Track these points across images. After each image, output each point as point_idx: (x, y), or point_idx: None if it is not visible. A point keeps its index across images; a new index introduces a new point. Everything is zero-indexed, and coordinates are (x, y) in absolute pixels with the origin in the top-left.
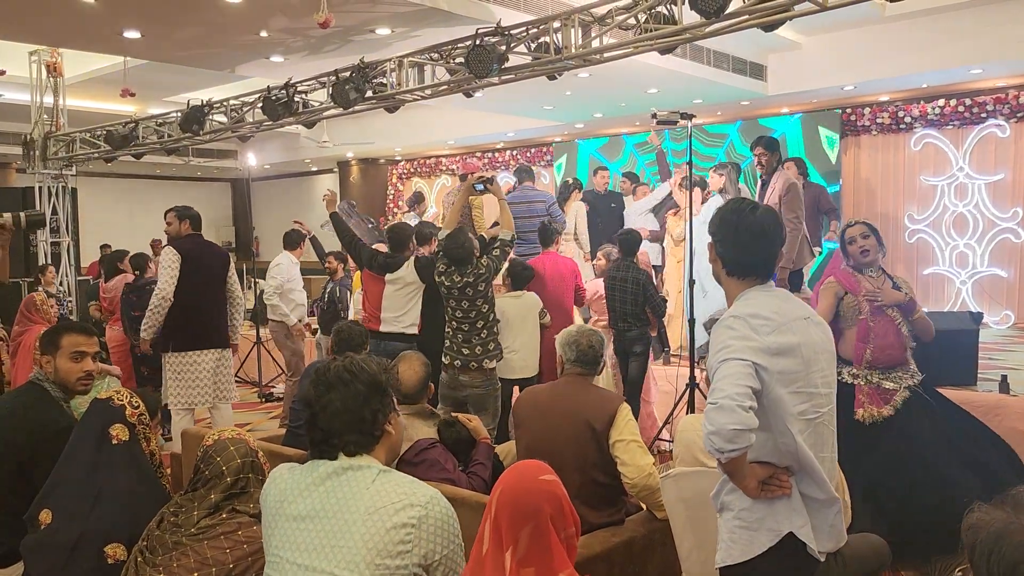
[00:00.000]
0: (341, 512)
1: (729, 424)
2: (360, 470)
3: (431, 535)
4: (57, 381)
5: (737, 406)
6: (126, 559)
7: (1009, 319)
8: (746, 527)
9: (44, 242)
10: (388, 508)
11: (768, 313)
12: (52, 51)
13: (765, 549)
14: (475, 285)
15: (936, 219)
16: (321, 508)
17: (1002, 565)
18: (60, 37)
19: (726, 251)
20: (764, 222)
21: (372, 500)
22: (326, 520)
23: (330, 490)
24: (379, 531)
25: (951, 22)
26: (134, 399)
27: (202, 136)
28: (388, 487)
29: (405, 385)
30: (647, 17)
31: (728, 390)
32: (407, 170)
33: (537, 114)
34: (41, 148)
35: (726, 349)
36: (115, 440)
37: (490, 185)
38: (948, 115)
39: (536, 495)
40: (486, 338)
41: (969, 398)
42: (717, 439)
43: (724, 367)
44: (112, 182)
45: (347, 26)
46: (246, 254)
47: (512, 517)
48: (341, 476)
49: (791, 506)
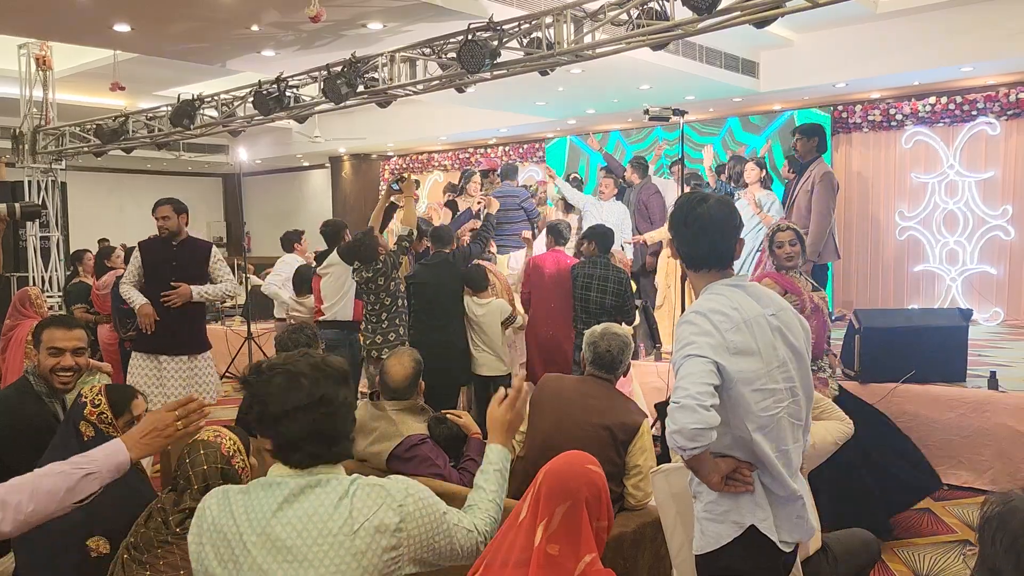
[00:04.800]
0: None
1: (690, 424)
2: (329, 485)
3: (416, 534)
4: (39, 375)
5: (698, 405)
6: (109, 552)
7: (999, 316)
8: (712, 519)
9: (34, 236)
10: (364, 526)
11: (727, 310)
12: (41, 44)
13: (730, 540)
14: (375, 279)
15: (927, 216)
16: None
17: (1006, 538)
18: (49, 30)
19: (681, 246)
20: (712, 213)
21: (344, 521)
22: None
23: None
24: (362, 552)
25: (942, 20)
26: (97, 396)
27: (193, 131)
28: (356, 502)
29: (393, 380)
30: (639, 13)
31: (690, 389)
32: (399, 166)
33: (529, 110)
34: (30, 142)
35: (689, 345)
36: (84, 437)
37: (403, 184)
38: (939, 113)
39: (578, 478)
40: (387, 328)
41: (958, 395)
42: (679, 437)
43: (687, 364)
44: (102, 177)
45: (338, 20)
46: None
47: (551, 492)
48: (322, 498)
49: (754, 500)
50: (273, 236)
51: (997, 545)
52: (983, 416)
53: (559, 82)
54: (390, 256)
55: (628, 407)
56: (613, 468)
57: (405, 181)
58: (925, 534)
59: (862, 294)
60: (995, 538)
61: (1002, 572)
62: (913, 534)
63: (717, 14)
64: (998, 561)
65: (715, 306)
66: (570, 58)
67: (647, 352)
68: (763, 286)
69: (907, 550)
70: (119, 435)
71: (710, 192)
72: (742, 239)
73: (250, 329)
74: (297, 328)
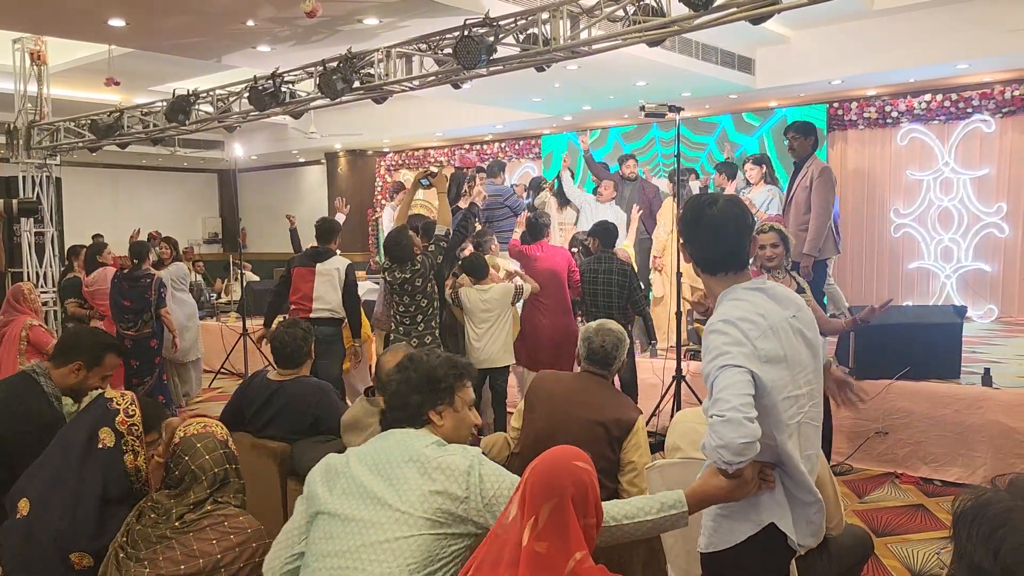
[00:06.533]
0: (399, 463)
1: (738, 438)
2: (414, 439)
3: (482, 486)
4: (70, 385)
5: (744, 418)
6: (93, 565)
7: (993, 313)
8: (728, 516)
9: (28, 232)
10: (437, 471)
11: (754, 316)
12: (36, 39)
13: (745, 538)
14: (412, 281)
15: (921, 213)
16: (383, 461)
17: (983, 530)
18: (44, 25)
19: (694, 250)
20: (725, 213)
21: (417, 480)
22: (387, 469)
23: (387, 448)
24: (429, 488)
25: (938, 17)
26: (132, 407)
27: (188, 126)
28: (442, 462)
29: (386, 374)
30: (635, 9)
31: (733, 401)
32: (395, 162)
33: (526, 106)
34: (25, 137)
35: (723, 356)
36: (100, 444)
37: (433, 179)
38: (934, 110)
39: (564, 475)
40: (423, 331)
41: (952, 391)
42: (726, 452)
43: (724, 375)
44: (97, 172)
45: (334, 16)
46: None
47: (537, 490)
48: (404, 452)
49: (774, 498)
50: (269, 232)
51: (974, 539)
52: (977, 413)
53: (555, 78)
54: (427, 257)
55: (623, 403)
56: (608, 464)
57: (436, 176)
58: (918, 530)
59: (857, 291)
60: (971, 532)
61: (980, 566)
62: (907, 530)
63: (713, 10)
64: (976, 556)
65: (742, 313)
66: (566, 54)
67: (643, 349)
68: (781, 285)
69: (901, 546)
70: (143, 452)
71: (718, 192)
72: (755, 237)
73: (245, 325)
74: (292, 323)
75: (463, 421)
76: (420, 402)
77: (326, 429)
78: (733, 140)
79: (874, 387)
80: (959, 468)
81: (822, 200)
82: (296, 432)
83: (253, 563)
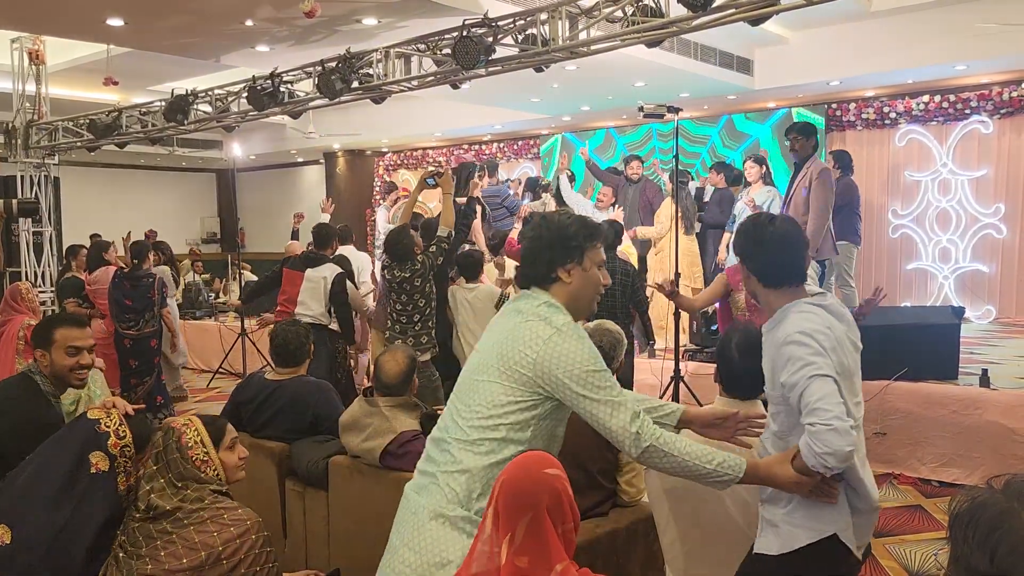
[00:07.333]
0: (508, 313)
1: (846, 446)
2: (526, 299)
3: (547, 363)
4: (52, 375)
5: (849, 427)
6: None
7: (991, 314)
8: (791, 523)
9: (26, 232)
10: (520, 338)
11: (824, 329)
12: (34, 38)
13: (803, 545)
14: (411, 280)
15: (920, 214)
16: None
17: (979, 532)
18: (42, 24)
19: (757, 265)
20: (786, 230)
21: (512, 331)
22: (499, 319)
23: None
24: (511, 348)
25: (936, 18)
26: (122, 428)
27: (187, 126)
28: (527, 327)
29: (387, 376)
30: (634, 10)
31: (834, 410)
32: (394, 162)
33: (524, 107)
34: (23, 137)
35: (810, 366)
36: (94, 469)
37: (439, 179)
38: (932, 111)
39: (536, 487)
40: (419, 331)
41: (950, 392)
42: (832, 459)
43: (815, 384)
44: (95, 172)
45: (333, 16)
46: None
47: (510, 507)
48: (514, 305)
49: (837, 510)
50: (267, 232)
51: (970, 541)
52: (975, 414)
53: (554, 79)
54: (427, 257)
55: None
56: (606, 465)
57: (442, 176)
58: (916, 531)
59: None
60: (967, 534)
61: (977, 568)
62: (904, 531)
63: (712, 11)
64: (972, 558)
65: (815, 326)
66: (565, 55)
67: (641, 349)
68: (836, 300)
69: (898, 547)
70: (134, 474)
71: (768, 212)
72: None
73: (243, 325)
74: (293, 322)
75: (590, 280)
76: (550, 259)
77: (326, 428)
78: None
79: (872, 388)
80: (957, 469)
81: (821, 201)
82: (295, 431)
83: (254, 554)
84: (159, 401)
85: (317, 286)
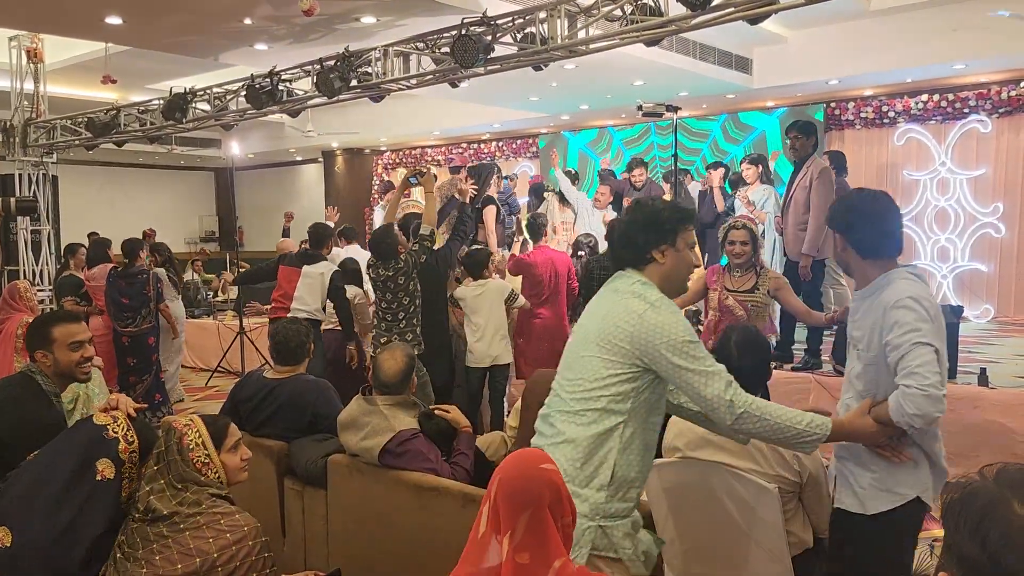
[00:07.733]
0: (606, 293)
1: (935, 412)
2: (621, 279)
3: (644, 336)
4: (56, 373)
5: (943, 396)
6: None
7: (989, 313)
8: (877, 487)
9: (24, 230)
10: (617, 314)
11: (929, 296)
12: (33, 37)
13: (888, 508)
14: (395, 279)
15: (918, 213)
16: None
17: (970, 521)
18: (41, 22)
19: (860, 236)
20: (886, 204)
21: (610, 308)
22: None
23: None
24: (609, 323)
25: (935, 17)
26: (130, 433)
27: (185, 124)
28: (623, 303)
29: (385, 375)
30: (633, 8)
31: (931, 378)
32: (392, 160)
33: (523, 106)
34: (21, 135)
35: (916, 332)
36: (100, 476)
37: (422, 178)
38: (931, 110)
39: (536, 483)
40: (404, 328)
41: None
42: (919, 421)
43: (917, 351)
44: (93, 170)
45: (332, 14)
46: (229, 244)
47: (511, 504)
48: (611, 285)
49: (917, 475)
50: (265, 231)
51: (962, 529)
52: (973, 412)
53: (553, 77)
54: (411, 255)
55: None
56: None
57: (424, 175)
58: None
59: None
60: (959, 523)
61: (970, 557)
62: None
63: (711, 10)
64: (963, 545)
65: (923, 292)
66: (564, 53)
67: None
68: None
69: None
70: (136, 480)
71: (869, 189)
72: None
73: (242, 324)
74: (293, 319)
75: (683, 260)
76: (645, 241)
77: (325, 427)
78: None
79: None
80: (955, 468)
81: (821, 199)
82: (294, 430)
83: (250, 561)
84: (157, 399)
85: (315, 282)
